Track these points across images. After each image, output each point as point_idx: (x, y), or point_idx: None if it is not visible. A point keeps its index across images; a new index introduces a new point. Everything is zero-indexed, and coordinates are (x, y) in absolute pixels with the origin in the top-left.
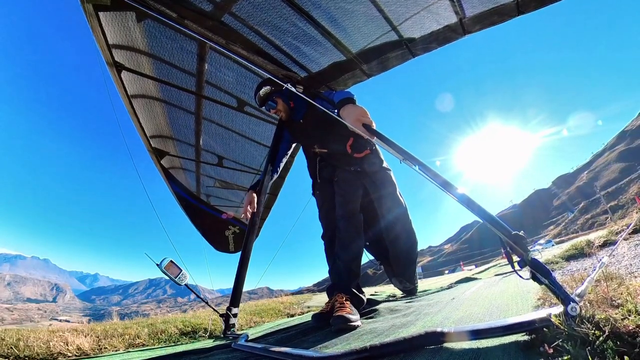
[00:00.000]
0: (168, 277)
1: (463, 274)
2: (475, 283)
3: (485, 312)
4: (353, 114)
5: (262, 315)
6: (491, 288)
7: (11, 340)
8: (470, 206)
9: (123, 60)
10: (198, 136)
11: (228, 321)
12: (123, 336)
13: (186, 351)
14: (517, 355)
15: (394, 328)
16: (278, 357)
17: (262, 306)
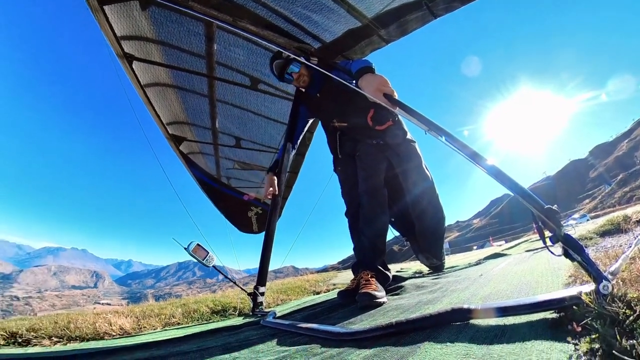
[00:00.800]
0: (196, 260)
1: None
2: (505, 259)
3: (513, 289)
4: (373, 84)
5: (289, 293)
6: (521, 264)
7: (63, 323)
8: (500, 178)
9: (133, 51)
10: (214, 119)
11: (256, 299)
12: (159, 316)
13: (218, 328)
14: (544, 332)
15: (420, 304)
16: (305, 332)
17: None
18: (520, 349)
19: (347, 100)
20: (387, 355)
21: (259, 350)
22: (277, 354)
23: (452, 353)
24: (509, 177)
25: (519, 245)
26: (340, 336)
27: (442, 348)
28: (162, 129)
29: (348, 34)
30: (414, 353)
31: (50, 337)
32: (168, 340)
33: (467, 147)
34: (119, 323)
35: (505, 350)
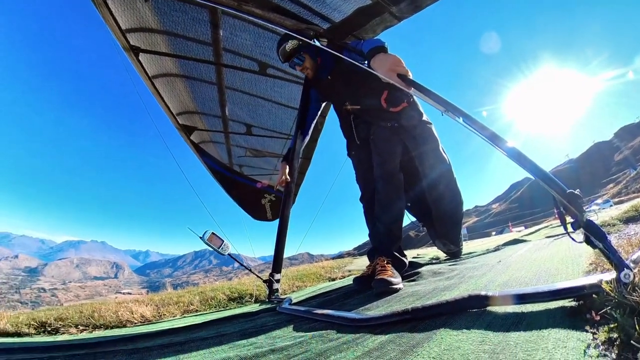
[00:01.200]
0: (212, 249)
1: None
2: (524, 245)
3: (532, 276)
4: (386, 64)
5: (304, 279)
6: (540, 251)
7: (88, 312)
8: (520, 161)
9: (139, 43)
10: (223, 107)
11: (271, 286)
12: (178, 304)
13: (235, 315)
14: (562, 321)
15: (437, 291)
16: (321, 319)
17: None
18: (537, 337)
19: (359, 82)
20: (402, 341)
21: (275, 336)
22: (293, 340)
23: (468, 340)
24: (530, 160)
25: (539, 231)
26: (356, 322)
27: (458, 335)
28: (172, 120)
29: (358, 12)
30: (429, 339)
31: (76, 326)
32: (187, 327)
33: (486, 128)
34: (139, 311)
35: (522, 337)
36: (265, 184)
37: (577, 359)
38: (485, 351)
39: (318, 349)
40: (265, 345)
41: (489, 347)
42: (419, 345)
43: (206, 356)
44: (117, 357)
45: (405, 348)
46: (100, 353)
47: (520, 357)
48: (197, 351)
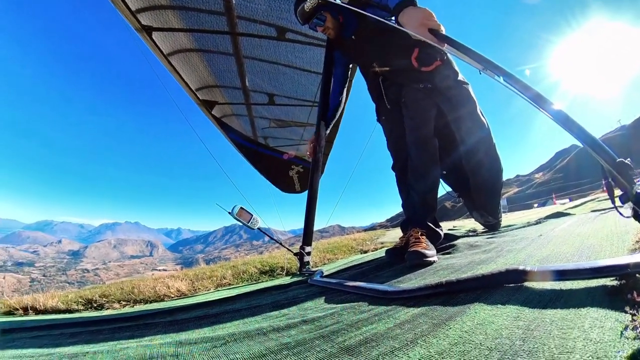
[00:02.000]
0: (241, 223)
1: (554, 208)
2: (568, 219)
3: (574, 251)
4: (415, 19)
5: (335, 252)
6: (585, 225)
7: (128, 288)
8: (567, 125)
9: (150, 22)
10: (243, 78)
11: (302, 259)
12: (211, 278)
13: (267, 287)
14: (601, 300)
15: (473, 264)
16: (353, 291)
17: (335, 243)
18: (573, 315)
19: (387, 40)
20: (435, 314)
21: (307, 308)
22: (324, 311)
23: (503, 315)
24: (577, 124)
25: (585, 204)
26: (388, 294)
27: (492, 310)
28: (192, 96)
29: None
30: (463, 313)
31: (119, 301)
32: (221, 299)
33: (530, 88)
34: (175, 286)
35: (558, 315)
36: (292, 155)
37: (613, 339)
38: (520, 327)
39: (349, 320)
40: (297, 317)
41: (524, 324)
42: (451, 318)
43: (240, 327)
44: (157, 328)
45: (438, 321)
46: (142, 325)
47: (555, 334)
48: (231, 322)
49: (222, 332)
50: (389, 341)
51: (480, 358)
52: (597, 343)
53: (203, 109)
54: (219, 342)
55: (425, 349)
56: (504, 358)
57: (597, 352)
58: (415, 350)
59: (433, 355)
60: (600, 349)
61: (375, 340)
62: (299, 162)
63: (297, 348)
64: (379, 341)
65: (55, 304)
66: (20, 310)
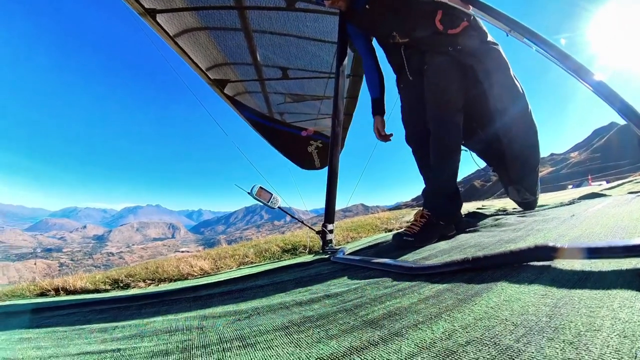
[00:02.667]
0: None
1: (589, 189)
2: (603, 200)
3: (607, 232)
4: None
5: (359, 231)
6: (620, 207)
7: (152, 268)
8: (609, 98)
9: (154, 5)
10: (254, 53)
11: (325, 237)
12: (234, 257)
13: (290, 265)
14: (632, 281)
15: (502, 242)
16: (376, 267)
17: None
18: (603, 295)
19: (405, 6)
20: (460, 290)
21: (330, 284)
22: (347, 287)
23: (530, 292)
24: (620, 97)
25: (622, 186)
26: (412, 271)
27: (519, 287)
28: (202, 76)
29: None
30: (489, 290)
31: (144, 280)
32: (243, 276)
33: (569, 57)
34: (198, 265)
35: (587, 294)
36: (310, 131)
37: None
38: (547, 304)
39: (373, 295)
40: (320, 292)
41: (551, 301)
42: (477, 295)
43: (263, 302)
44: (182, 304)
45: (463, 297)
46: (167, 301)
47: (583, 312)
48: (253, 298)
49: (245, 306)
50: (412, 315)
51: (505, 333)
52: (626, 322)
53: (215, 88)
54: (243, 316)
55: (450, 324)
56: (529, 334)
57: (625, 331)
58: (439, 324)
59: (457, 329)
60: (629, 328)
61: (398, 314)
62: (318, 137)
63: (319, 321)
64: (403, 315)
65: (84, 285)
66: (52, 291)
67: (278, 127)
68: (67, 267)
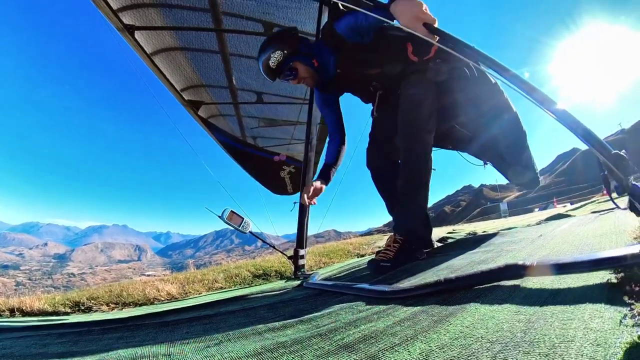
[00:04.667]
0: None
1: (555, 211)
2: (568, 220)
3: (574, 249)
4: (410, 10)
5: (331, 256)
6: (584, 226)
7: (117, 291)
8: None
9: (133, 21)
10: (230, 76)
11: (297, 262)
12: (203, 281)
13: (261, 290)
14: (600, 292)
15: (473, 264)
16: (350, 292)
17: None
18: (573, 308)
19: (376, 51)
20: (435, 311)
21: (302, 309)
22: (321, 312)
23: (503, 310)
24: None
25: (585, 206)
26: (386, 294)
27: (492, 306)
28: (177, 97)
29: None
30: (463, 310)
31: (107, 304)
32: (213, 302)
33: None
34: (165, 289)
35: (559, 308)
36: (283, 156)
37: (612, 328)
38: (520, 320)
39: (347, 319)
40: (293, 317)
41: (524, 317)
42: (452, 315)
43: (234, 328)
44: (148, 329)
45: (438, 318)
46: (132, 326)
47: (556, 325)
48: (224, 323)
49: (215, 333)
50: (388, 338)
51: (481, 351)
52: (597, 332)
53: (189, 109)
54: (212, 342)
55: (426, 344)
56: (505, 349)
57: (597, 340)
58: (415, 345)
59: (434, 349)
60: (600, 337)
61: (374, 337)
62: (291, 162)
63: (293, 346)
64: (378, 338)
65: (42, 306)
66: (7, 312)
67: (251, 151)
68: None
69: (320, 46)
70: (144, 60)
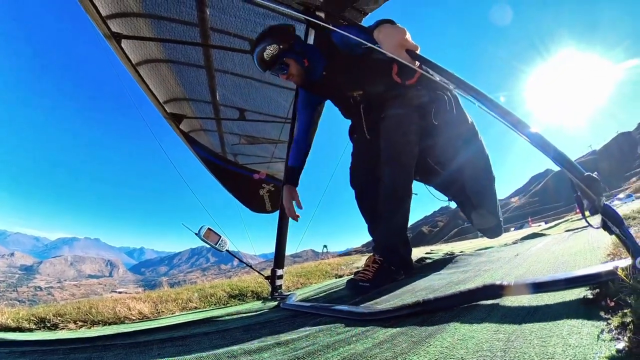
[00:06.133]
0: (208, 245)
1: (530, 230)
2: (543, 239)
3: (550, 268)
4: (393, 37)
5: (309, 276)
6: (559, 244)
7: (85, 308)
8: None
9: (120, 29)
10: (214, 91)
11: (274, 283)
12: (176, 301)
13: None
14: (577, 309)
15: (451, 284)
16: (328, 314)
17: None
18: (552, 325)
19: (362, 65)
20: (414, 332)
21: (280, 331)
22: (298, 334)
23: (482, 330)
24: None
25: (559, 225)
26: (365, 316)
27: (471, 325)
28: (159, 109)
29: None
30: (442, 331)
31: (75, 322)
32: (187, 322)
33: (508, 112)
34: (137, 308)
35: (537, 326)
36: (263, 174)
37: (590, 343)
38: (500, 339)
39: (325, 342)
40: (270, 340)
41: (504, 336)
42: (431, 336)
43: (208, 350)
44: (117, 350)
45: (417, 339)
46: (100, 346)
47: (535, 343)
48: (198, 345)
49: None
50: None
51: None
52: (576, 347)
53: (170, 122)
54: None
55: None
56: None
57: (577, 356)
58: None
59: None
60: (579, 352)
61: None
62: (270, 181)
63: None
64: None
65: (5, 321)
66: None
67: (231, 168)
68: None
69: (312, 48)
70: (129, 69)
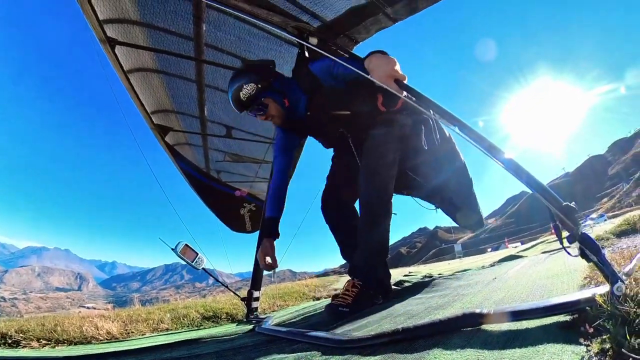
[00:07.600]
0: (185, 262)
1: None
2: (520, 261)
3: (528, 292)
4: (384, 67)
5: (286, 298)
6: (536, 266)
7: (50, 325)
8: (517, 173)
9: (116, 35)
10: (202, 106)
11: (250, 305)
12: (147, 321)
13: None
14: (557, 335)
15: (430, 309)
16: (305, 340)
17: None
18: (532, 352)
19: (346, 99)
20: None
21: (253, 358)
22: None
23: (463, 358)
24: (527, 172)
25: (535, 246)
26: (343, 344)
27: (452, 354)
28: (146, 119)
29: (351, 11)
30: (423, 359)
31: (38, 340)
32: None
33: (484, 138)
34: (105, 327)
35: (518, 353)
36: (245, 192)
37: None
38: None
39: None
40: None
41: None
42: None
43: None
44: None
45: None
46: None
47: None
48: None
49: None
50: None
51: None
52: None
53: (156, 133)
54: None
55: None
56: None
57: None
58: None
59: None
60: None
61: None
62: (252, 200)
63: None
64: None
65: None
66: None
67: (213, 185)
68: None
69: (292, 85)
70: (119, 75)
